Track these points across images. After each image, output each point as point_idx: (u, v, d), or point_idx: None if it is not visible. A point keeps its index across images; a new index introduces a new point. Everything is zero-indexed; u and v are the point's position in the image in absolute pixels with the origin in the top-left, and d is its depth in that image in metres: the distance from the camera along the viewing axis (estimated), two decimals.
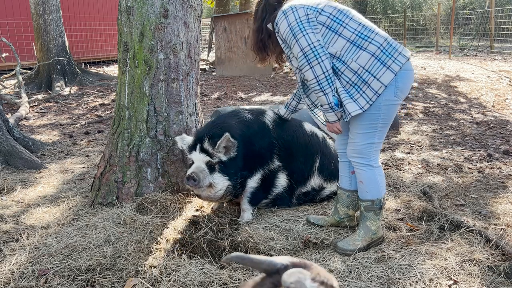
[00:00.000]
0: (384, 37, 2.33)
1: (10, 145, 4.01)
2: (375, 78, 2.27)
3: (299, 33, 2.28)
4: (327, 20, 2.32)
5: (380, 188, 2.47)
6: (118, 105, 3.19)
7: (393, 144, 4.68)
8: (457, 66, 11.18)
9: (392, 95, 2.31)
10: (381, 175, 2.48)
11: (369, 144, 2.40)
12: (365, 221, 2.50)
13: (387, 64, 2.27)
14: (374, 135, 2.39)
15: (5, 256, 2.41)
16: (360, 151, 2.43)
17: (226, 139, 2.65)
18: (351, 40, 2.30)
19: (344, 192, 2.69)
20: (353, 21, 2.34)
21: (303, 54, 2.28)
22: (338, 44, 2.31)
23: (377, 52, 2.28)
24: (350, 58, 2.29)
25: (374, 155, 2.44)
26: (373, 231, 2.49)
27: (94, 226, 2.70)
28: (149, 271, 2.24)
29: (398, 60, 2.29)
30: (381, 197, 2.48)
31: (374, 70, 2.27)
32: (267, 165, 2.90)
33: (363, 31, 2.31)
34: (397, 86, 2.31)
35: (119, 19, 3.09)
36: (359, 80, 2.29)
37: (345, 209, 2.71)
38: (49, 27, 8.76)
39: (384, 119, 2.37)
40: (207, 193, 2.73)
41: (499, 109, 6.48)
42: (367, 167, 2.44)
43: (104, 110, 6.99)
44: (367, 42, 2.29)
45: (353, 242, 2.47)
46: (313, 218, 2.80)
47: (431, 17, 20.21)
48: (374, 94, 2.28)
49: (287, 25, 2.32)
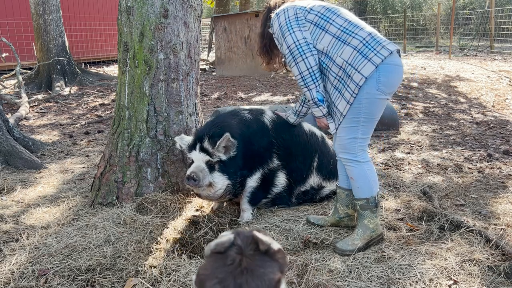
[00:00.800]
0: (369, 32, 2.37)
1: (10, 145, 4.01)
2: (356, 71, 2.31)
3: (286, 32, 2.42)
4: (315, 18, 2.43)
5: (371, 184, 2.48)
6: (118, 105, 3.19)
7: (393, 144, 4.68)
8: (457, 66, 11.18)
9: (374, 88, 2.31)
10: (370, 170, 2.48)
11: (353, 139, 2.42)
12: (362, 220, 2.52)
13: (368, 56, 2.30)
14: (357, 129, 2.40)
15: (5, 256, 2.41)
16: (344, 146, 2.46)
17: (226, 139, 2.65)
18: (336, 35, 2.38)
19: (343, 191, 2.69)
20: (340, 17, 2.42)
21: (289, 51, 2.41)
22: (325, 40, 2.40)
23: (359, 46, 2.33)
24: (335, 53, 2.37)
25: (359, 150, 2.45)
26: (371, 229, 2.50)
27: (94, 226, 2.70)
28: (149, 271, 2.24)
29: (380, 53, 2.30)
30: (375, 194, 2.48)
31: (355, 63, 2.31)
32: (266, 164, 2.91)
33: (348, 26, 2.39)
34: (379, 79, 2.31)
35: (119, 19, 3.09)
36: (344, 74, 2.36)
37: (345, 208, 2.71)
38: (49, 27, 8.76)
39: (366, 113, 2.37)
40: (207, 192, 2.73)
41: (499, 109, 6.48)
42: (354, 162, 2.46)
43: (104, 110, 6.99)
44: (350, 37, 2.36)
45: (352, 242, 2.47)
46: (313, 218, 2.81)
47: (431, 17, 20.22)
48: (356, 86, 2.31)
49: (278, 25, 2.48)
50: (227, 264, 0.90)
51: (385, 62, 2.30)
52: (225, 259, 0.91)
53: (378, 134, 5.08)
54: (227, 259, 0.91)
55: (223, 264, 0.90)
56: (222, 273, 0.89)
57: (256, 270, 0.90)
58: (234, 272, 0.89)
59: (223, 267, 0.90)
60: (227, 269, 0.90)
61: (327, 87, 2.48)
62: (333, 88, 2.44)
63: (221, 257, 0.92)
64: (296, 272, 2.24)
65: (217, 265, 0.91)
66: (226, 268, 0.90)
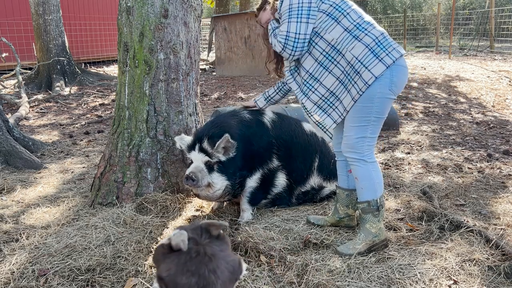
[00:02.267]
0: (381, 31, 2.36)
1: (10, 145, 4.01)
2: (366, 69, 2.29)
3: (294, 17, 2.36)
4: (329, 8, 2.37)
5: (376, 186, 2.43)
6: (118, 105, 3.19)
7: (393, 144, 4.68)
8: (457, 66, 11.18)
9: (387, 88, 2.31)
10: (376, 171, 2.44)
11: (362, 138, 2.39)
12: (364, 224, 2.47)
13: (380, 56, 2.29)
14: (367, 128, 2.38)
15: (5, 256, 2.41)
16: (352, 146, 2.41)
17: (226, 140, 2.65)
18: (348, 29, 2.35)
19: (343, 191, 2.69)
20: (354, 12, 2.39)
21: (286, 35, 2.37)
22: (335, 32, 2.36)
23: (371, 44, 2.31)
24: (345, 47, 2.33)
25: (367, 150, 2.41)
26: (374, 234, 2.44)
27: (94, 226, 2.70)
28: (149, 271, 2.24)
29: (392, 54, 2.30)
30: (377, 197, 2.42)
31: (366, 61, 2.29)
32: (266, 164, 2.90)
33: (362, 23, 2.36)
34: (392, 80, 2.31)
35: (119, 19, 3.09)
36: (352, 70, 2.33)
37: (345, 208, 2.70)
38: (49, 27, 8.76)
39: (378, 112, 2.36)
40: (206, 192, 2.73)
41: (499, 109, 6.48)
42: (361, 162, 2.42)
43: (104, 110, 6.99)
44: (363, 34, 2.33)
45: (353, 246, 2.43)
46: (313, 218, 2.80)
47: (431, 17, 20.22)
48: (364, 84, 2.29)
49: (289, 3, 2.38)
50: (193, 257, 0.93)
51: (396, 64, 2.31)
52: (188, 254, 0.94)
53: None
54: (191, 252, 0.94)
55: (190, 258, 0.94)
56: (192, 265, 0.92)
57: (218, 254, 0.95)
58: (203, 261, 0.93)
59: (191, 260, 0.93)
60: (196, 260, 0.93)
61: (329, 80, 2.42)
62: (338, 81, 2.39)
63: (181, 253, 0.95)
64: (296, 272, 2.24)
65: (183, 261, 0.93)
66: (195, 260, 0.93)
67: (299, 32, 2.35)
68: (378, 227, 2.44)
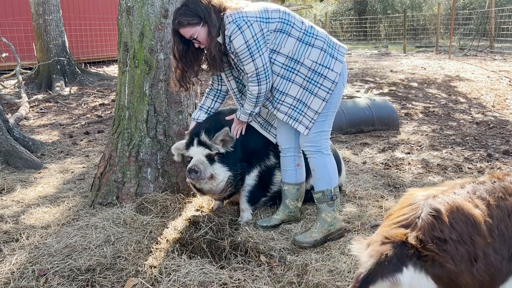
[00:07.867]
0: (324, 32, 2.54)
1: (10, 145, 4.01)
2: (329, 69, 2.45)
3: (256, 53, 2.38)
4: (278, 25, 2.43)
5: (331, 177, 2.59)
6: (118, 105, 3.19)
7: (393, 144, 4.68)
8: (457, 66, 11.18)
9: (342, 84, 2.53)
10: (331, 163, 2.61)
11: (320, 133, 2.56)
12: (320, 213, 2.61)
13: (334, 55, 2.48)
14: (325, 123, 2.57)
15: (5, 256, 2.41)
16: (311, 140, 2.57)
17: (225, 133, 2.69)
18: (299, 38, 2.45)
19: (293, 186, 2.76)
20: (296, 20, 2.49)
21: (256, 73, 2.41)
22: (289, 44, 2.44)
23: (324, 47, 2.47)
24: (302, 55, 2.45)
25: (324, 142, 2.59)
26: (329, 223, 2.57)
27: (94, 226, 2.70)
28: (149, 271, 2.24)
29: (340, 51, 2.52)
30: (332, 187, 2.57)
31: (326, 62, 2.45)
32: (263, 161, 2.92)
33: (307, 28, 2.49)
34: (343, 75, 2.53)
35: (119, 19, 3.10)
36: (315, 74, 2.46)
37: (295, 202, 2.80)
38: (49, 27, 8.75)
39: (335, 107, 2.56)
40: (209, 185, 2.74)
41: (499, 109, 6.48)
42: (318, 154, 2.58)
43: (104, 110, 6.99)
44: (313, 39, 2.46)
45: (310, 234, 2.56)
46: (261, 221, 2.80)
47: (431, 17, 20.22)
48: (332, 83, 2.46)
49: (244, 42, 2.35)
50: None
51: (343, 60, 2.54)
52: None
53: (378, 134, 5.08)
54: None
55: None
56: None
57: None
58: None
59: None
60: None
61: (293, 89, 2.49)
62: (302, 89, 2.49)
63: None
64: (296, 272, 2.24)
65: None
66: None
67: (265, 62, 2.42)
68: (333, 216, 2.59)
